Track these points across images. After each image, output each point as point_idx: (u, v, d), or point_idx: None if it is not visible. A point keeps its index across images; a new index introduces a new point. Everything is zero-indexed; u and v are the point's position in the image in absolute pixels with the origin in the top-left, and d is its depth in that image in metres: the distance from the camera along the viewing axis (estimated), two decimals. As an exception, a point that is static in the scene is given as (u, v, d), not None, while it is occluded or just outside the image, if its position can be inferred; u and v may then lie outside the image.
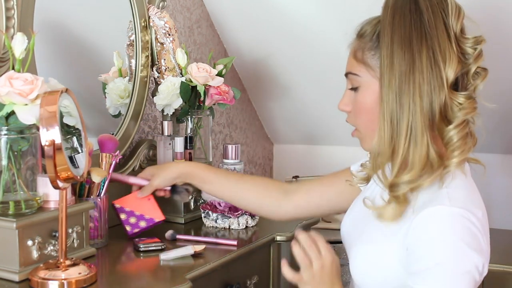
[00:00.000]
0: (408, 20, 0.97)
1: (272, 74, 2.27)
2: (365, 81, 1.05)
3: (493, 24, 1.72)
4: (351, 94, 1.08)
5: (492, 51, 1.78)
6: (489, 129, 1.79)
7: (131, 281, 1.21)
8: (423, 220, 0.96)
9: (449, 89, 0.97)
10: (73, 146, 1.27)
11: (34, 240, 1.17)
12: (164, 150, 1.67)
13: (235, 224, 1.58)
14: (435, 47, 0.96)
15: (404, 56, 0.96)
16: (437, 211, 0.95)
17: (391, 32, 0.97)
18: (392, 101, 0.97)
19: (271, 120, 2.52)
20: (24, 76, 1.16)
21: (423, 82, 0.95)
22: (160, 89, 1.67)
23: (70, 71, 1.64)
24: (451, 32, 0.98)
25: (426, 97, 0.96)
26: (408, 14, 0.97)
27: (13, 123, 1.17)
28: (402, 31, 0.97)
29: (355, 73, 1.06)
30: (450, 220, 0.94)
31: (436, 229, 0.95)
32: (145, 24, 1.69)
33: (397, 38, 0.97)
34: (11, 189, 1.20)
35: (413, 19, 0.97)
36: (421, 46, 0.96)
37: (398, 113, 0.96)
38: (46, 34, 1.33)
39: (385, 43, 0.98)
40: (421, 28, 0.97)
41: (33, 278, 1.12)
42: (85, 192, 1.38)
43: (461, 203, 0.96)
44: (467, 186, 1.02)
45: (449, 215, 0.94)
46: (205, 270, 1.27)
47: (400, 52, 0.96)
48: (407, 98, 0.96)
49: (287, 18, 2.02)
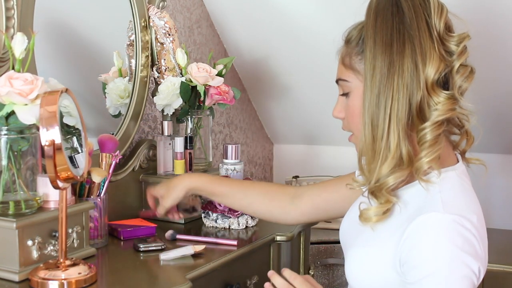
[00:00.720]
0: (390, 22, 0.98)
1: (272, 74, 2.27)
2: (354, 86, 1.05)
3: (492, 25, 1.72)
4: (343, 100, 1.09)
5: (492, 52, 1.79)
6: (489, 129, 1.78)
7: (131, 281, 1.21)
8: (416, 228, 0.95)
9: (432, 88, 0.98)
10: (73, 146, 1.27)
11: (34, 240, 1.17)
12: (164, 150, 1.67)
13: (235, 224, 1.58)
14: (416, 48, 0.97)
15: (385, 58, 0.97)
16: (430, 218, 0.95)
17: (374, 35, 0.98)
18: (372, 104, 0.98)
19: (271, 120, 2.52)
20: (24, 76, 1.16)
21: (401, 83, 0.97)
22: (160, 89, 1.67)
23: (70, 71, 1.64)
24: (434, 32, 0.98)
25: (403, 98, 0.97)
26: (390, 16, 0.98)
27: (13, 123, 1.17)
28: (384, 34, 0.98)
29: (345, 79, 1.07)
30: (444, 228, 0.94)
31: (430, 238, 0.94)
32: (145, 24, 1.69)
33: (379, 41, 0.98)
34: (11, 189, 1.20)
35: (395, 21, 0.98)
36: (403, 48, 0.97)
37: (376, 115, 0.98)
38: (46, 34, 1.33)
39: (368, 46, 0.99)
40: (403, 30, 0.97)
41: (33, 278, 1.12)
42: (85, 192, 1.38)
43: (455, 208, 0.96)
44: (462, 189, 1.02)
45: (443, 222, 0.94)
46: (205, 270, 1.27)
47: (381, 55, 0.97)
48: (383, 100, 0.97)
49: (287, 18, 2.02)
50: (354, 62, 1.05)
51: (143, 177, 1.69)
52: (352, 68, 1.05)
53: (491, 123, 2.00)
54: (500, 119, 1.99)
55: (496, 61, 1.80)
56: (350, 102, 1.07)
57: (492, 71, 1.84)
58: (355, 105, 1.05)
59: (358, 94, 1.04)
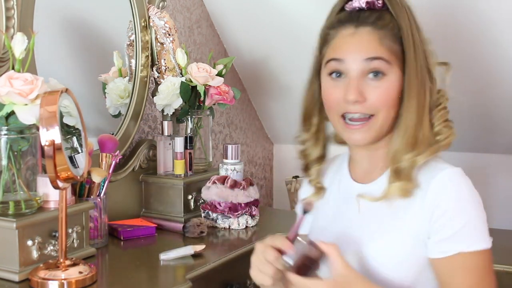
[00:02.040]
0: (413, 17, 1.08)
1: (272, 74, 2.26)
2: (394, 70, 1.06)
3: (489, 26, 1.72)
4: (364, 82, 1.06)
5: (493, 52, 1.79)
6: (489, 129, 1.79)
7: (131, 281, 1.21)
8: (437, 187, 1.02)
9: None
10: (73, 146, 1.27)
11: (34, 240, 1.17)
12: (164, 150, 1.67)
13: (235, 224, 1.58)
14: (425, 42, 1.08)
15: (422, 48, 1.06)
16: (445, 175, 1.03)
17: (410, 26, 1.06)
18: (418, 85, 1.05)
19: (271, 120, 2.52)
20: (24, 76, 1.16)
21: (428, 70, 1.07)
22: (160, 89, 1.67)
23: (70, 71, 1.64)
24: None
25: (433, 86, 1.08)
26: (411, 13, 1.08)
27: (13, 123, 1.17)
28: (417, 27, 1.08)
29: (387, 59, 1.05)
30: (461, 178, 1.04)
31: (453, 190, 1.03)
32: (145, 24, 1.69)
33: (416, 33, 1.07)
34: (11, 189, 1.20)
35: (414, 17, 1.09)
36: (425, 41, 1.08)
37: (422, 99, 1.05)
38: (46, 34, 1.33)
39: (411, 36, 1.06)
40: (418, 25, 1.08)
41: (33, 278, 1.12)
42: (85, 192, 1.38)
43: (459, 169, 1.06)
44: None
45: (458, 174, 1.04)
46: (205, 270, 1.27)
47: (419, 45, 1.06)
48: (425, 83, 1.06)
49: (287, 18, 2.02)
50: (393, 46, 1.06)
51: (143, 177, 1.69)
52: (393, 50, 1.06)
53: (491, 123, 2.00)
54: (500, 119, 1.99)
55: (496, 61, 1.80)
56: (386, 84, 1.05)
57: (493, 71, 1.84)
58: (393, 88, 1.06)
59: (397, 79, 1.05)
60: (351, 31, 1.07)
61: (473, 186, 1.04)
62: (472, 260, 1.01)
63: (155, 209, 1.68)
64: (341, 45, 1.07)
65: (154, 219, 1.61)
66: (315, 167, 1.19)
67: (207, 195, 1.62)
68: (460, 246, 1.00)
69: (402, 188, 1.04)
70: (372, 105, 1.05)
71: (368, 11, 1.08)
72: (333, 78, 1.08)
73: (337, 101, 1.07)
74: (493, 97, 1.92)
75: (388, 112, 1.05)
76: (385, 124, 1.06)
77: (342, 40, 1.07)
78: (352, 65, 1.05)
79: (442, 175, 1.03)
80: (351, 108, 1.05)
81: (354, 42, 1.06)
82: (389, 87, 1.05)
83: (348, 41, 1.07)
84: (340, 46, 1.08)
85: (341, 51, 1.07)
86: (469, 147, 2.14)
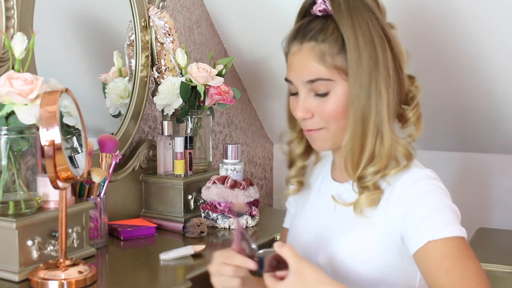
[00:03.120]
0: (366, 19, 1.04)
1: (272, 74, 2.26)
2: (338, 84, 1.05)
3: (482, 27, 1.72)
4: (310, 99, 1.07)
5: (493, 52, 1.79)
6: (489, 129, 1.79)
7: (131, 281, 1.21)
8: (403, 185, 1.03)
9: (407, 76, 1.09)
10: (73, 146, 1.27)
11: (34, 240, 1.17)
12: (164, 150, 1.67)
13: (235, 224, 1.58)
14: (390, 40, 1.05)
15: (370, 54, 1.02)
16: (413, 173, 1.03)
17: (354, 32, 1.03)
18: (363, 99, 1.02)
19: (271, 120, 2.52)
20: (24, 76, 1.16)
21: (387, 75, 1.03)
22: (160, 89, 1.67)
23: (70, 71, 1.64)
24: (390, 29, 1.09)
25: (392, 89, 1.04)
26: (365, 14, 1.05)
27: (13, 123, 1.17)
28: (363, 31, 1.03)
29: (329, 78, 1.05)
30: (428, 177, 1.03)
31: (419, 185, 1.02)
32: (145, 24, 1.69)
33: (361, 38, 1.03)
34: (11, 189, 1.20)
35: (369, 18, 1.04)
36: (382, 41, 1.04)
37: (367, 110, 1.02)
38: (46, 34, 1.33)
39: (351, 44, 1.02)
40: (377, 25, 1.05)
41: (33, 278, 1.12)
42: (85, 192, 1.38)
43: (430, 170, 1.06)
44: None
45: (426, 175, 1.04)
46: (205, 270, 1.27)
47: (365, 50, 1.02)
48: (374, 94, 1.02)
49: (287, 18, 2.02)
50: (336, 61, 1.04)
51: (143, 177, 1.69)
52: (336, 66, 1.05)
53: (491, 122, 2.00)
54: (500, 119, 1.99)
55: (495, 60, 1.80)
56: (331, 101, 1.05)
57: (493, 72, 1.84)
58: (340, 103, 1.05)
59: (343, 91, 1.04)
60: (296, 49, 1.10)
61: (443, 186, 1.04)
62: (445, 247, 0.99)
63: (155, 209, 1.68)
64: (290, 66, 1.12)
65: (154, 219, 1.61)
66: (298, 163, 1.22)
67: (207, 195, 1.62)
68: (428, 235, 1.00)
69: (369, 199, 1.04)
70: (320, 120, 1.07)
71: (316, 22, 1.08)
72: (292, 93, 1.13)
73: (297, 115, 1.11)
74: (493, 96, 1.92)
75: (338, 123, 1.06)
76: (339, 132, 1.07)
77: (290, 59, 1.12)
78: (298, 86, 1.09)
79: (409, 174, 1.04)
80: (302, 124, 1.11)
81: (297, 63, 1.09)
82: (335, 101, 1.05)
83: (293, 60, 1.10)
84: (289, 66, 1.12)
85: (289, 72, 1.12)
86: (469, 147, 2.14)
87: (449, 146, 2.15)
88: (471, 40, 1.75)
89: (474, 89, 1.92)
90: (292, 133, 1.23)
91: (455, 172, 2.14)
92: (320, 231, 1.13)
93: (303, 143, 1.20)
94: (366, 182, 1.04)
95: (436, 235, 0.99)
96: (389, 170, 1.04)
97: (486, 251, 1.73)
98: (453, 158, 2.17)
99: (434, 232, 0.99)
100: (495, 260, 1.65)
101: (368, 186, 1.04)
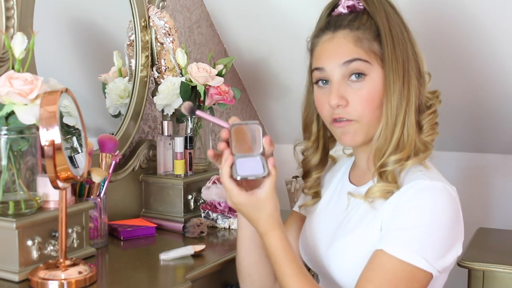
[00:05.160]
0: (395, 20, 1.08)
1: (272, 74, 2.26)
2: (374, 69, 1.06)
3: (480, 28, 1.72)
4: (345, 86, 1.07)
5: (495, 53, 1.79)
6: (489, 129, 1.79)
7: (131, 281, 1.21)
8: (409, 191, 1.01)
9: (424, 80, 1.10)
10: (73, 146, 1.27)
11: (34, 240, 1.17)
12: (164, 150, 1.67)
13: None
14: (413, 45, 1.08)
15: (403, 47, 1.05)
16: (420, 183, 1.01)
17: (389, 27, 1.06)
18: (398, 86, 1.04)
19: (271, 120, 2.52)
20: (24, 76, 1.16)
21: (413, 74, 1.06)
22: (160, 89, 1.67)
23: (70, 71, 1.64)
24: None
25: (416, 88, 1.06)
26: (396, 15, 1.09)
27: (13, 123, 1.17)
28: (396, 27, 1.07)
29: (366, 60, 1.05)
30: (437, 193, 1.00)
31: (421, 198, 1.00)
32: (145, 24, 1.69)
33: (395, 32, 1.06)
34: (11, 189, 1.20)
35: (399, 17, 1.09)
36: (410, 43, 1.08)
37: (401, 98, 1.04)
38: (46, 34, 1.33)
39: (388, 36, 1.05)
40: (404, 27, 1.08)
41: (33, 278, 1.12)
42: (85, 192, 1.38)
43: (439, 179, 1.04)
44: (436, 171, 1.09)
45: (434, 187, 1.01)
46: (205, 270, 1.27)
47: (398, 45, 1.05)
48: (407, 84, 1.04)
49: (287, 18, 2.02)
50: (372, 46, 1.06)
51: (143, 177, 1.69)
52: (372, 49, 1.06)
53: (491, 122, 2.01)
54: (500, 119, 1.99)
55: (495, 60, 1.80)
56: (367, 87, 1.05)
57: (493, 72, 1.84)
58: (375, 89, 1.05)
59: (378, 78, 1.05)
60: (329, 37, 1.09)
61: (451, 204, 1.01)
62: (388, 263, 0.97)
63: (155, 209, 1.68)
64: (321, 54, 1.10)
65: (154, 219, 1.61)
66: (314, 174, 1.21)
67: (207, 195, 1.62)
68: (384, 244, 0.99)
69: (383, 189, 1.04)
70: (355, 108, 1.06)
71: (347, 15, 1.09)
72: (320, 86, 1.11)
73: (326, 107, 1.09)
74: (492, 96, 1.92)
75: (372, 115, 1.06)
76: (371, 126, 1.07)
77: (321, 47, 1.10)
78: (332, 71, 1.07)
79: (419, 182, 1.02)
80: (336, 112, 1.08)
81: (331, 48, 1.08)
82: (371, 87, 1.05)
83: (325, 47, 1.09)
84: (320, 54, 1.10)
85: (320, 60, 1.10)
86: (469, 147, 2.14)
87: (449, 146, 2.15)
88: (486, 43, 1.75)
89: (478, 90, 1.92)
90: (307, 142, 1.21)
91: (455, 172, 2.14)
92: (331, 226, 1.15)
93: (319, 152, 1.20)
94: (386, 168, 1.04)
95: (389, 249, 0.98)
96: (408, 161, 1.04)
97: (486, 251, 1.73)
98: (453, 158, 2.17)
99: (391, 245, 0.98)
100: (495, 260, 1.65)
101: (387, 175, 1.04)
